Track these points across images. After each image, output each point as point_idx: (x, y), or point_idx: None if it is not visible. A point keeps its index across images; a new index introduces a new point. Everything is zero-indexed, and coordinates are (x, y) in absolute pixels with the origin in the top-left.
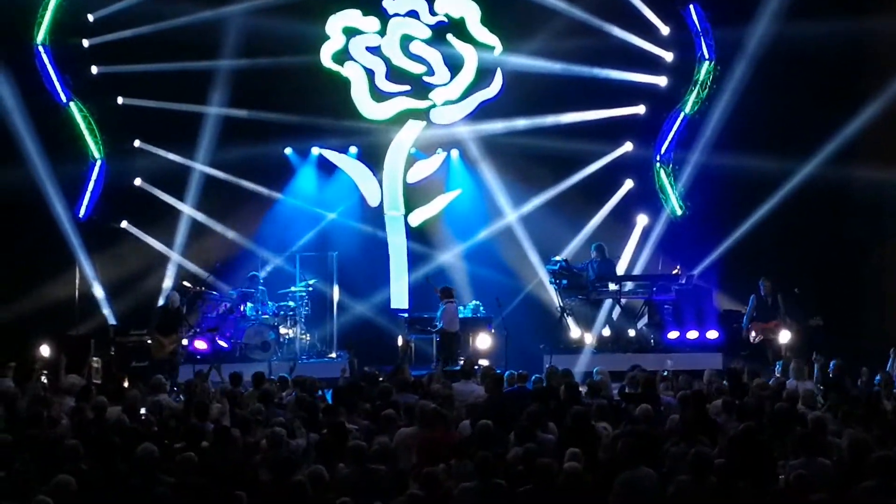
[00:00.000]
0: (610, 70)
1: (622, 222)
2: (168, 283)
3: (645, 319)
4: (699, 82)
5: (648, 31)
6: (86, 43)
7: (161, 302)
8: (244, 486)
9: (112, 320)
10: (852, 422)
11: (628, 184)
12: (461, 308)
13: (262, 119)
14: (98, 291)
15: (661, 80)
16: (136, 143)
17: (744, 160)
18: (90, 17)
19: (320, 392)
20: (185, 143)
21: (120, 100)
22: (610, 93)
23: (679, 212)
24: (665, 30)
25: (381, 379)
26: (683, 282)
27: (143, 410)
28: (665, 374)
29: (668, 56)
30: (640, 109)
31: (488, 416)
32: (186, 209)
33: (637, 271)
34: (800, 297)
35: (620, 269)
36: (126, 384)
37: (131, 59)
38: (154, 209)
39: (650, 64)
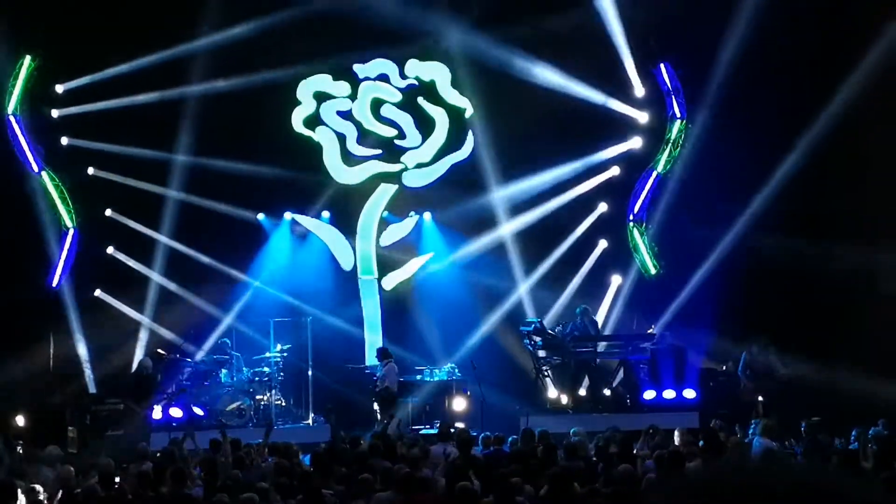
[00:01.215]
0: (584, 131)
1: (596, 282)
2: (141, 350)
3: (620, 379)
4: (671, 141)
5: (621, 91)
6: (55, 113)
7: (134, 369)
8: None
9: (92, 388)
10: None
11: (602, 244)
12: (436, 371)
13: (234, 185)
14: (76, 358)
15: (636, 142)
16: (108, 212)
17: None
18: (59, 89)
19: (299, 458)
20: (154, 213)
21: (90, 170)
22: (584, 152)
23: (653, 271)
24: (639, 90)
25: (360, 442)
26: (657, 341)
27: (117, 479)
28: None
29: (642, 116)
30: (615, 171)
31: (465, 477)
32: (157, 278)
33: (610, 331)
34: (777, 350)
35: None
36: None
37: (99, 131)
38: (126, 277)
39: (623, 124)
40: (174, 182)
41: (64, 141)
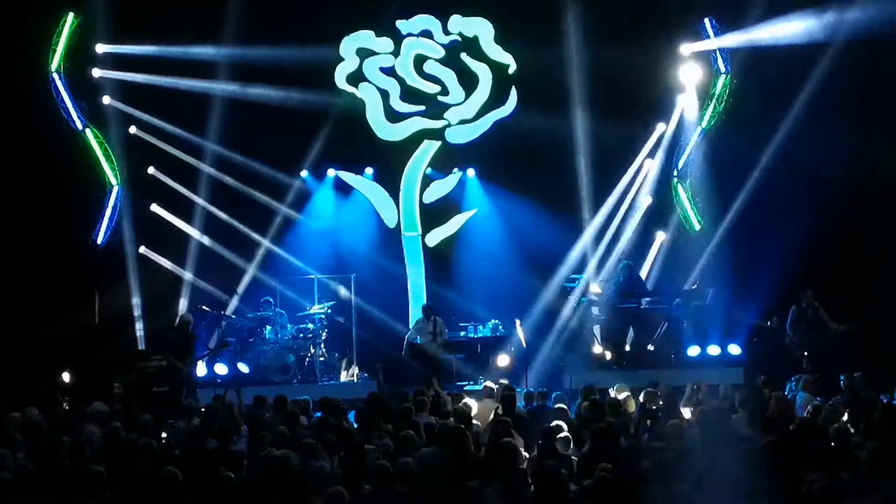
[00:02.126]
0: (629, 88)
1: (640, 239)
2: (184, 307)
3: (663, 334)
4: (715, 96)
5: (668, 46)
6: (96, 73)
7: (175, 325)
8: None
9: (142, 345)
10: (874, 434)
11: (647, 200)
12: (480, 328)
13: (277, 143)
14: (121, 315)
15: (682, 99)
16: (150, 170)
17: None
18: (99, 49)
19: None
20: (195, 172)
21: (132, 129)
22: (628, 108)
23: (697, 227)
24: (685, 46)
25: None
26: (702, 297)
27: (164, 435)
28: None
29: (688, 73)
30: (661, 128)
31: (509, 434)
32: (200, 236)
33: (653, 287)
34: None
35: None
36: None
37: (139, 95)
38: (170, 234)
39: (669, 81)
40: (215, 138)
41: (105, 100)
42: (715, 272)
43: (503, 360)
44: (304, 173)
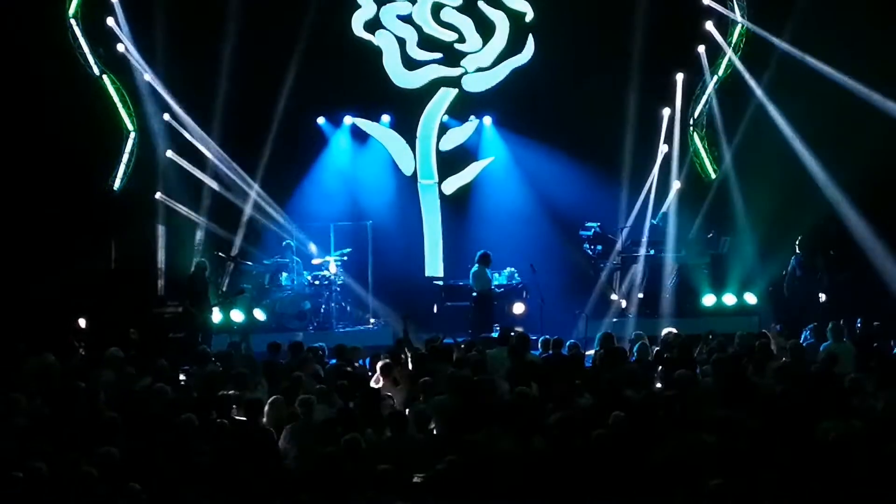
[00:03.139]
0: (646, 37)
1: (657, 187)
2: (200, 253)
3: (676, 283)
4: (731, 45)
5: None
6: (110, 21)
7: (192, 271)
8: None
9: (161, 291)
10: (888, 383)
11: (664, 149)
12: (496, 275)
13: (293, 90)
14: (139, 260)
15: (699, 48)
16: (166, 116)
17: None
18: None
19: (360, 361)
20: (211, 119)
21: (146, 76)
22: (645, 57)
23: (713, 175)
24: None
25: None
26: (718, 246)
27: (182, 378)
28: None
29: (705, 23)
30: (679, 77)
31: (525, 382)
32: (215, 184)
33: (671, 237)
34: (835, 256)
35: None
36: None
37: (151, 43)
38: (186, 181)
39: (686, 31)
40: (230, 85)
41: (120, 48)
42: (731, 221)
43: (518, 307)
44: (320, 120)
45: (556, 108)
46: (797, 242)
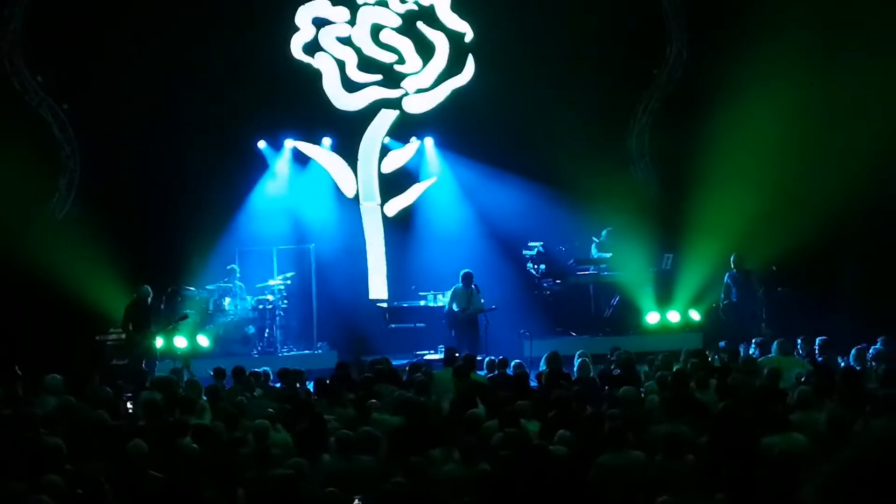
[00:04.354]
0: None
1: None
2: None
3: (619, 301)
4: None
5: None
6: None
7: (133, 297)
8: (230, 481)
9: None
10: (833, 398)
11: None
12: (440, 297)
13: (233, 113)
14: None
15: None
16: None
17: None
18: None
19: (305, 385)
20: (148, 143)
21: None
22: (597, 72)
23: (654, 193)
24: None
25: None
26: (661, 263)
27: (129, 406)
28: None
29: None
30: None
31: (471, 402)
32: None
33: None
34: (776, 272)
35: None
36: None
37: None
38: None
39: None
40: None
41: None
42: (676, 238)
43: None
44: (261, 144)
45: (497, 128)
46: (731, 259)
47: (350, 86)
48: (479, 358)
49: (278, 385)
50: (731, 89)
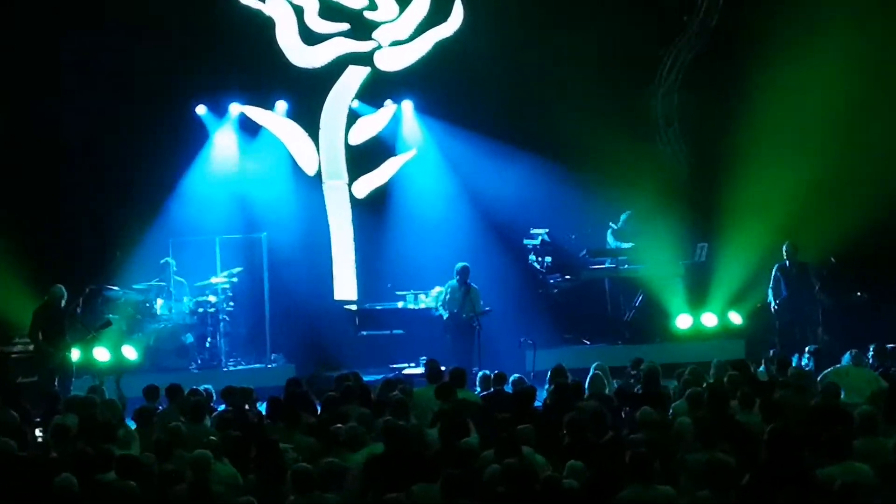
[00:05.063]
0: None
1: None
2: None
3: (644, 301)
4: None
5: None
6: None
7: (45, 300)
8: None
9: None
10: None
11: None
12: (421, 297)
13: (165, 72)
14: None
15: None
16: None
17: None
18: None
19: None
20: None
21: None
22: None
23: (687, 168)
24: None
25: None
26: (694, 254)
27: (38, 433)
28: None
29: None
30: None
31: (460, 427)
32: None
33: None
34: (837, 267)
35: None
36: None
37: None
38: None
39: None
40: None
41: None
42: (712, 223)
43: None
44: (200, 109)
45: (491, 89)
46: (784, 248)
47: (310, 37)
48: (474, 370)
49: (222, 407)
50: (778, 40)
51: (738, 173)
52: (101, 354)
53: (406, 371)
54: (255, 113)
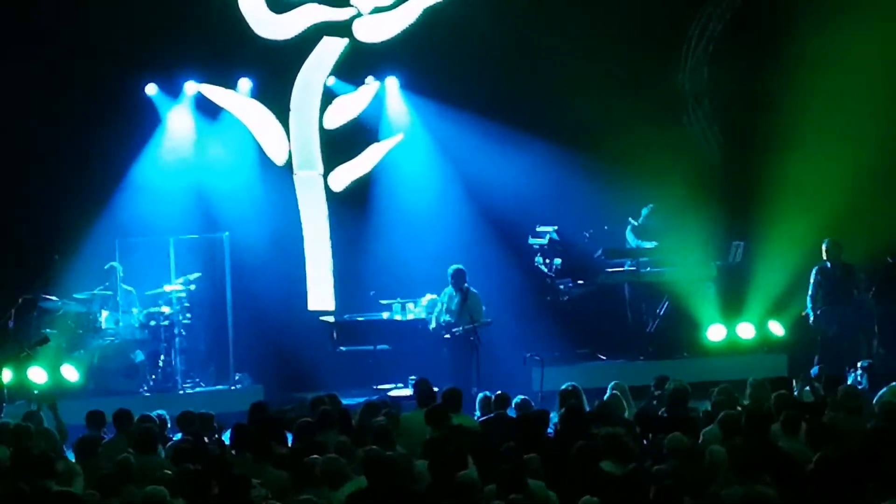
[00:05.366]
0: None
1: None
2: None
3: (669, 309)
4: None
5: None
6: None
7: None
8: None
9: None
10: None
11: None
12: (410, 307)
13: (107, 45)
14: None
15: None
16: None
17: None
18: None
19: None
20: None
21: None
22: None
23: (718, 151)
24: None
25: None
26: (728, 254)
27: None
28: None
29: None
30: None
31: (456, 458)
32: None
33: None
34: (893, 267)
35: None
36: None
37: None
38: None
39: None
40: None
41: None
42: (748, 218)
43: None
44: (150, 89)
45: (489, 63)
46: (824, 247)
47: (278, 3)
48: (472, 391)
49: (178, 436)
50: (824, 3)
51: (779, 159)
52: (37, 375)
53: (392, 393)
54: (215, 93)
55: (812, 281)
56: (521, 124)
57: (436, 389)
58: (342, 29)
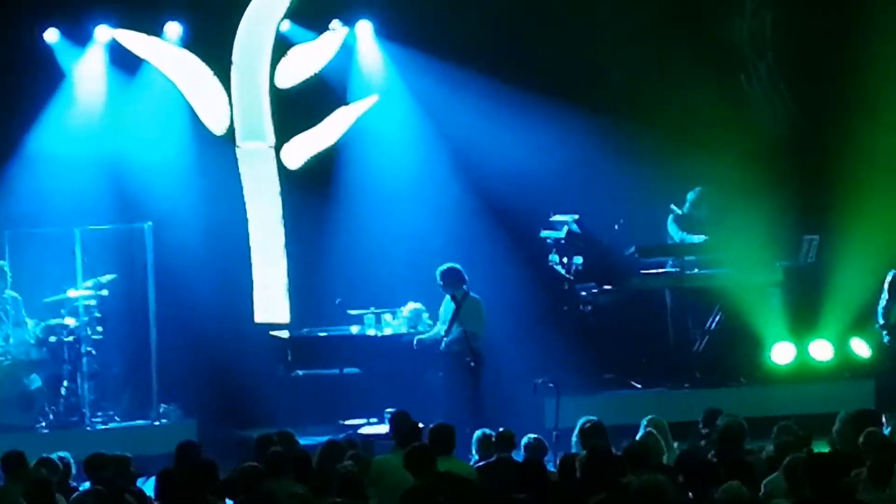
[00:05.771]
0: None
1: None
2: None
3: (721, 322)
4: None
5: None
6: None
7: None
8: None
9: None
10: None
11: None
12: (387, 319)
13: None
14: None
15: None
16: None
17: None
18: None
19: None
20: None
21: None
22: None
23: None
24: None
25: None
26: (796, 254)
27: None
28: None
29: None
30: None
31: None
32: None
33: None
34: None
35: None
36: None
37: None
38: None
39: None
40: None
41: None
42: (823, 206)
43: (433, 376)
44: (51, 35)
45: (494, 4)
46: None
47: None
48: (467, 430)
49: (86, 485)
50: None
51: (865, 130)
52: None
53: (363, 430)
54: (134, 40)
55: (886, 286)
56: (530, 82)
57: (420, 425)
58: None
